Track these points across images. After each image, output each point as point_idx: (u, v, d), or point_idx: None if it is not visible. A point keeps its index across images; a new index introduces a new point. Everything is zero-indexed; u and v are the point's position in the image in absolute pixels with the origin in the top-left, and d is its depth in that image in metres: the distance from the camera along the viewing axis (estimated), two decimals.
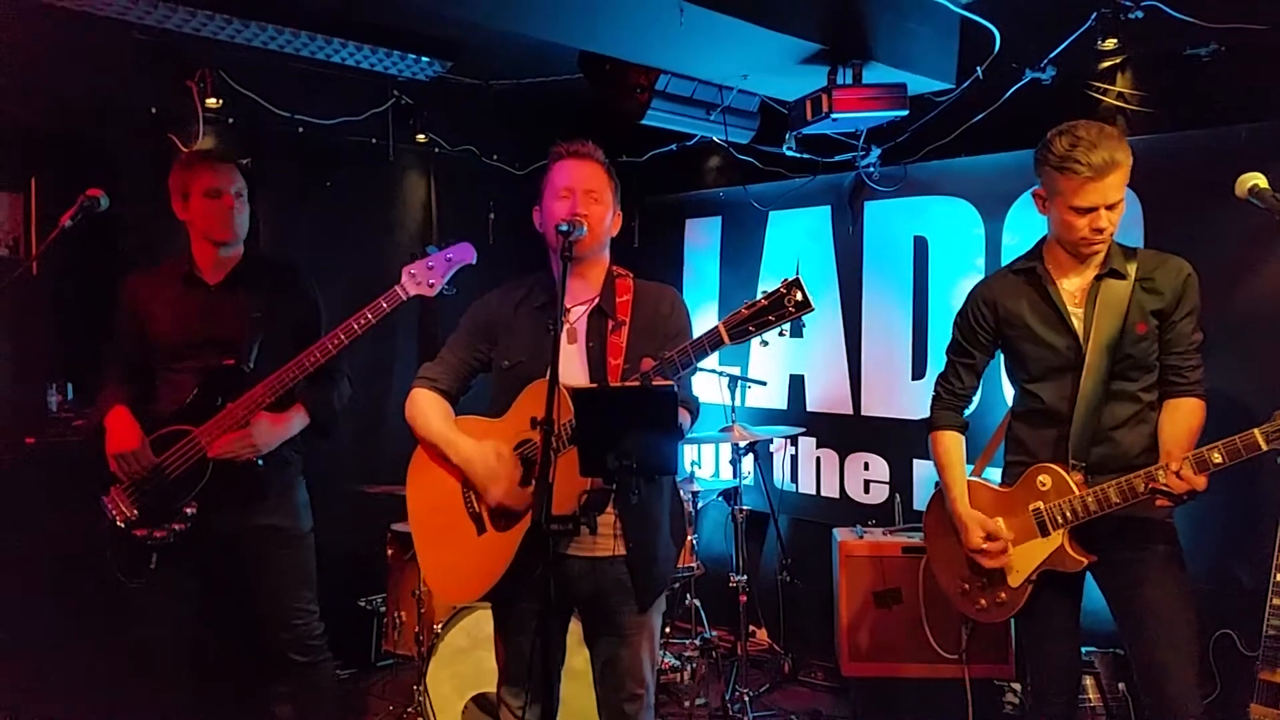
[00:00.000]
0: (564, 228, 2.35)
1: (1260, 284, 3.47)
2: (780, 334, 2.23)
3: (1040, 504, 2.66)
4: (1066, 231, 2.58)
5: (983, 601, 2.79)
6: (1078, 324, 2.62)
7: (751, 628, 4.85)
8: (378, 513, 4.22)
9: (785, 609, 4.78)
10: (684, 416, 2.53)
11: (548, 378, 2.08)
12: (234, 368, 2.97)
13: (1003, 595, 2.74)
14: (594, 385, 2.04)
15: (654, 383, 2.12)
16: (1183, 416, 2.59)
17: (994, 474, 2.93)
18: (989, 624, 2.91)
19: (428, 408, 2.59)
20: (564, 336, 2.50)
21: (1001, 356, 2.84)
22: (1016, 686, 3.82)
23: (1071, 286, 2.66)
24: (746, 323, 2.21)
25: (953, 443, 2.84)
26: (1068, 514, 2.61)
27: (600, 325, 2.52)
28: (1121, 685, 3.52)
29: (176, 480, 2.92)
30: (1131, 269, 2.61)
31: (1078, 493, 2.60)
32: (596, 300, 2.55)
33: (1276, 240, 3.40)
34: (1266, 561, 3.08)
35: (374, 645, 4.66)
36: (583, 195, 2.49)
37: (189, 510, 2.91)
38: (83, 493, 3.08)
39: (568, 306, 2.53)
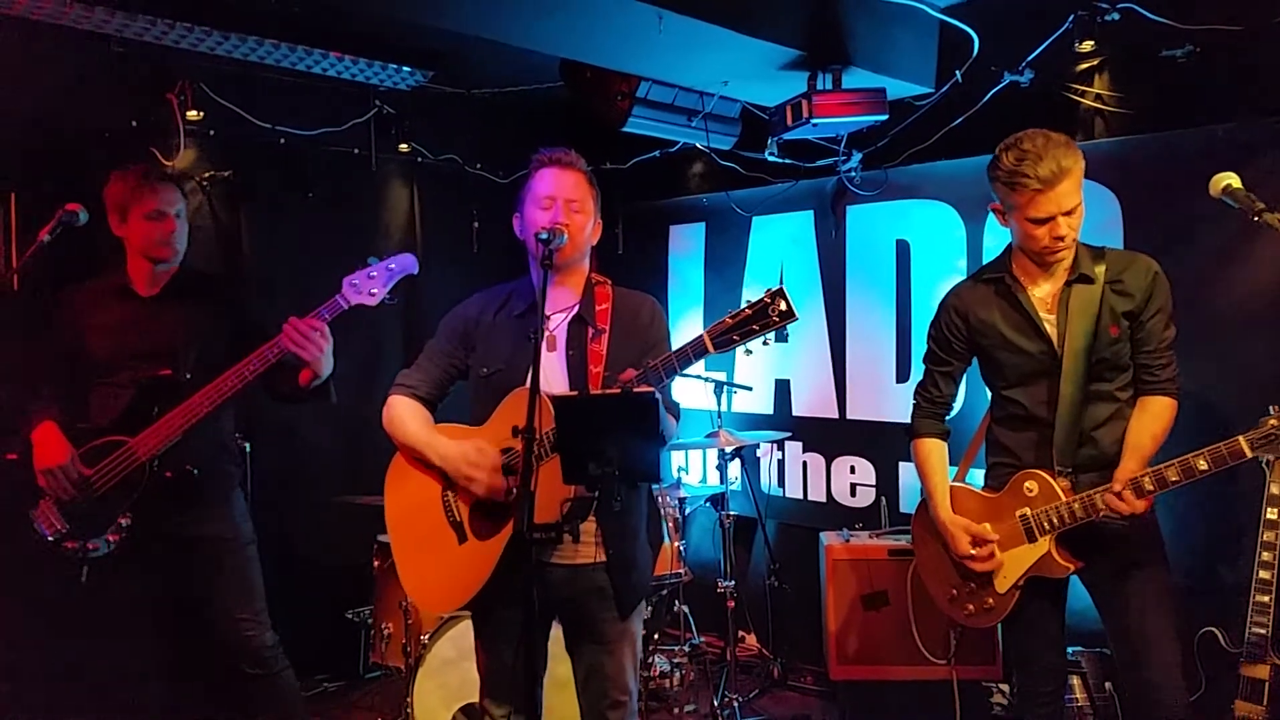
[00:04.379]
0: (544, 236, 2.35)
1: (1237, 283, 3.49)
2: (764, 343, 2.23)
3: (1027, 510, 2.65)
4: (1029, 242, 2.59)
5: (970, 607, 2.79)
6: (1050, 330, 2.63)
7: (740, 633, 4.85)
8: (364, 523, 4.19)
9: (774, 614, 4.78)
10: (669, 422, 2.54)
11: (528, 385, 2.08)
12: (169, 377, 2.97)
13: (990, 601, 2.74)
14: (575, 393, 2.04)
15: (636, 389, 2.13)
16: (1150, 418, 2.60)
17: (976, 474, 2.94)
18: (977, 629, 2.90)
19: (405, 414, 2.58)
20: (544, 344, 2.50)
21: (977, 362, 2.85)
22: (1004, 688, 3.84)
23: (1042, 293, 2.67)
24: (730, 332, 2.22)
25: (934, 450, 2.85)
26: (1054, 520, 2.61)
27: (580, 333, 2.52)
28: (1108, 685, 3.52)
29: (109, 492, 2.89)
30: (1100, 271, 2.61)
31: (1064, 499, 2.60)
32: (576, 308, 2.55)
33: (1252, 240, 3.43)
34: (1248, 560, 3.10)
35: (362, 657, 4.64)
36: (564, 204, 2.49)
37: (123, 521, 2.88)
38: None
39: (548, 314, 2.53)
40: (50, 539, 2.90)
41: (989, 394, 2.88)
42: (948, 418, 2.91)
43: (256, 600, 3.15)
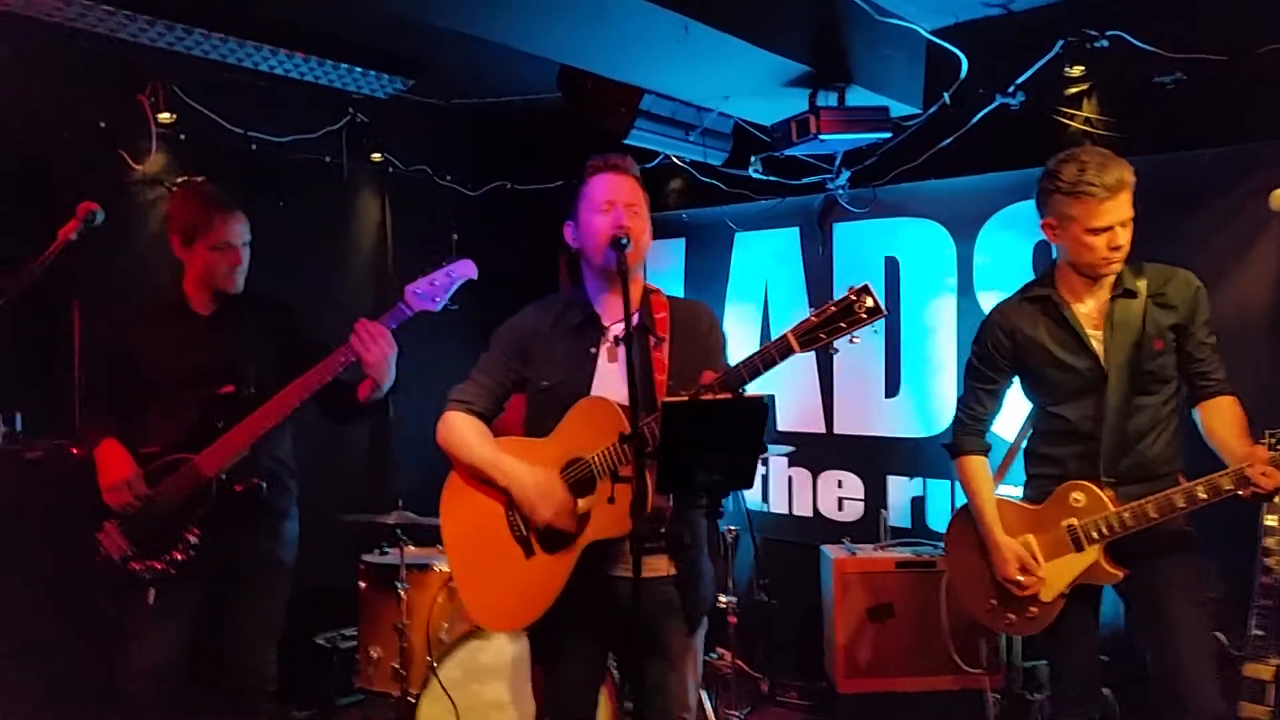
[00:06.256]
0: (623, 241, 2.30)
1: (1227, 305, 3.56)
2: (851, 341, 2.20)
3: (1074, 520, 2.68)
4: (1086, 254, 2.63)
5: (1011, 617, 2.80)
6: (1097, 345, 2.68)
7: (719, 650, 4.81)
8: (335, 545, 4.03)
9: (762, 629, 4.75)
10: None
11: (628, 392, 2.02)
12: (233, 394, 2.89)
13: (1034, 610, 2.76)
14: (685, 398, 1.98)
15: (746, 395, 2.09)
16: (1229, 416, 2.66)
17: (1009, 488, 2.98)
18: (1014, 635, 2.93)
19: (465, 430, 2.49)
20: (603, 354, 2.45)
21: (1019, 379, 2.87)
22: (996, 695, 3.88)
23: (1087, 309, 2.72)
24: (817, 330, 2.18)
25: (979, 467, 2.86)
26: (1104, 529, 2.64)
27: (642, 342, 2.46)
28: (1106, 691, 3.60)
29: (175, 509, 2.81)
30: (1142, 286, 2.68)
31: (1113, 509, 2.63)
32: (636, 316, 2.49)
33: (1241, 263, 3.57)
34: (1250, 564, 3.21)
35: (336, 683, 4.43)
36: (624, 209, 2.44)
37: (191, 538, 2.80)
38: (33, 525, 3.04)
39: (607, 324, 2.48)
40: (117, 560, 2.82)
41: (1029, 409, 2.91)
42: (987, 436, 2.92)
43: (278, 629, 3.07)
